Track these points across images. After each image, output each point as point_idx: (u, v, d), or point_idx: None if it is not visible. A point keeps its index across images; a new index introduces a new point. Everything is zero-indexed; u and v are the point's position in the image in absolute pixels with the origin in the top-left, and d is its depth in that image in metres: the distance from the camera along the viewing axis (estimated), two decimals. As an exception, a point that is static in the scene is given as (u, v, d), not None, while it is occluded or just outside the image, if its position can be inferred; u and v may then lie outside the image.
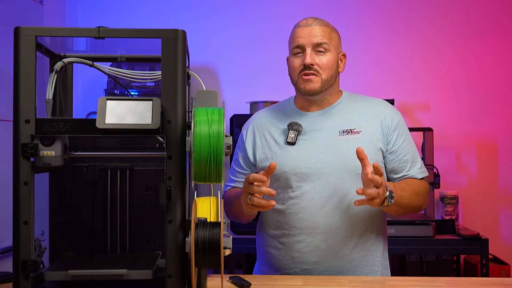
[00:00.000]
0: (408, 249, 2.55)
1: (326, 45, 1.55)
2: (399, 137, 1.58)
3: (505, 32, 3.04)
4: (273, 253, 1.62)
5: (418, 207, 1.57)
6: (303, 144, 1.58)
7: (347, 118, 1.60)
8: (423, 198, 1.58)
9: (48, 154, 1.19)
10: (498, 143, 3.03)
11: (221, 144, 1.08)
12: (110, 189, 1.45)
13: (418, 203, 1.56)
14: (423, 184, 1.59)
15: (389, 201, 1.42)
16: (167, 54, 1.14)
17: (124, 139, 1.47)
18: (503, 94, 3.03)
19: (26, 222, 1.12)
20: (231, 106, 3.00)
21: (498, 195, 3.02)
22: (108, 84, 2.77)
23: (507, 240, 3.01)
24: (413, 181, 1.57)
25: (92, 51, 1.47)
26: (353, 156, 1.53)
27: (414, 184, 1.56)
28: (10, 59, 1.14)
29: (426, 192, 1.60)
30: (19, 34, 1.12)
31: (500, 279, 1.58)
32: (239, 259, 2.86)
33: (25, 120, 1.12)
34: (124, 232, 1.45)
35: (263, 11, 3.12)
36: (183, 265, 1.13)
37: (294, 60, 1.58)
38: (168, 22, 3.09)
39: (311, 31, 1.55)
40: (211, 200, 1.27)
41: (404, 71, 3.07)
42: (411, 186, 1.54)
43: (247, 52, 3.11)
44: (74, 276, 1.25)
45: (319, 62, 1.55)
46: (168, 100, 1.13)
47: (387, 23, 3.08)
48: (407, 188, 1.52)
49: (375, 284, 1.44)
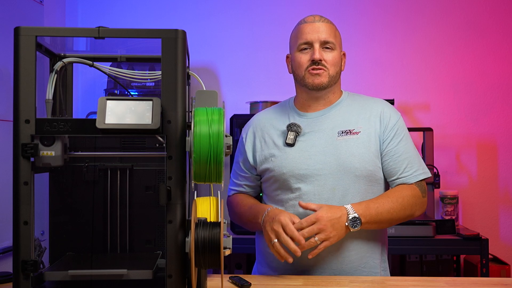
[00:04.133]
0: (408, 249, 2.55)
1: (333, 43, 1.56)
2: (395, 138, 1.57)
3: (505, 32, 3.04)
4: (272, 254, 1.61)
5: (406, 217, 1.54)
6: (302, 145, 1.58)
7: (346, 118, 1.60)
8: (411, 208, 1.53)
9: (48, 154, 1.19)
10: (498, 143, 3.03)
11: (221, 144, 1.08)
12: (110, 189, 1.45)
13: (405, 214, 1.52)
14: (411, 194, 1.53)
15: (352, 227, 1.44)
16: (167, 54, 1.14)
17: (124, 139, 1.47)
18: (503, 94, 3.03)
19: (26, 222, 1.11)
20: (231, 106, 3.01)
21: (498, 195, 3.02)
22: (108, 84, 2.77)
23: (507, 240, 3.01)
24: (399, 192, 1.53)
25: (92, 51, 1.47)
26: (351, 158, 1.53)
27: (397, 196, 1.52)
28: (10, 59, 1.14)
29: (414, 200, 1.54)
30: (19, 34, 1.12)
31: (500, 279, 1.58)
32: (239, 259, 2.86)
33: (25, 120, 1.12)
34: (124, 232, 1.45)
35: (263, 11, 3.12)
36: (183, 265, 1.13)
37: (301, 56, 1.58)
38: (168, 22, 3.10)
39: (318, 27, 1.56)
40: (211, 200, 1.27)
41: (404, 71, 3.07)
42: (392, 200, 1.50)
43: (247, 52, 3.11)
44: (74, 276, 1.25)
45: (327, 58, 1.56)
46: (168, 100, 1.13)
47: (387, 23, 3.08)
48: (386, 203, 1.49)
49: (375, 284, 1.44)
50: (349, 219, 1.44)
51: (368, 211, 1.46)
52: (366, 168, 1.54)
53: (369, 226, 1.49)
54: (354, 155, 1.53)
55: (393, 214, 1.50)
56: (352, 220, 1.44)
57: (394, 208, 1.50)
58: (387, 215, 1.49)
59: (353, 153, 1.54)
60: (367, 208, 1.47)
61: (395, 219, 1.52)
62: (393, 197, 1.52)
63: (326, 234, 1.41)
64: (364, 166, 1.53)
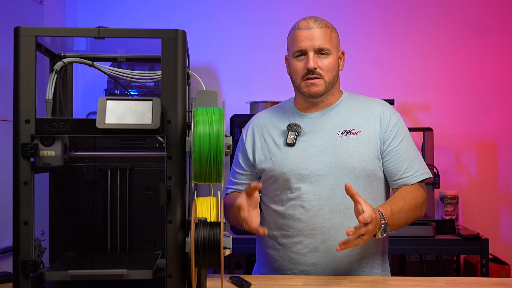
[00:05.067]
0: (408, 249, 2.55)
1: (327, 48, 1.55)
2: (396, 138, 1.57)
3: (505, 32, 3.04)
4: (272, 254, 1.62)
5: (416, 218, 1.54)
6: (302, 145, 1.58)
7: (346, 118, 1.60)
8: (420, 209, 1.54)
9: (48, 154, 1.19)
10: (498, 143, 3.03)
11: (221, 144, 1.08)
12: (110, 189, 1.45)
13: (416, 215, 1.53)
14: (419, 194, 1.54)
15: (381, 234, 1.37)
16: (167, 54, 1.14)
17: (124, 139, 1.47)
18: (503, 94, 3.03)
19: (26, 222, 1.12)
20: (231, 106, 3.01)
21: (498, 195, 3.02)
22: (108, 84, 2.77)
23: (507, 240, 3.01)
24: (411, 193, 1.52)
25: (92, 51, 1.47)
26: (351, 158, 1.53)
27: (410, 198, 1.50)
28: (10, 59, 1.14)
29: (423, 201, 1.55)
30: (19, 34, 1.12)
31: (500, 279, 1.58)
32: (239, 259, 2.86)
33: (25, 120, 1.12)
34: (124, 232, 1.45)
35: (263, 11, 3.12)
36: (183, 265, 1.13)
37: (296, 63, 1.57)
38: (168, 22, 3.10)
39: (312, 34, 1.54)
40: (211, 200, 1.27)
41: (404, 71, 3.07)
42: (407, 203, 1.49)
43: (247, 52, 3.11)
44: (74, 276, 1.25)
45: (322, 65, 1.54)
46: (168, 100, 1.13)
47: (387, 23, 3.08)
48: (405, 206, 1.47)
49: (375, 284, 1.44)
50: (382, 226, 1.37)
51: (392, 217, 1.41)
52: (365, 168, 1.54)
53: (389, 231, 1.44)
54: (353, 155, 1.53)
55: (409, 217, 1.49)
56: (383, 228, 1.37)
57: (410, 211, 1.49)
58: (404, 219, 1.48)
59: (352, 153, 1.53)
60: (392, 213, 1.42)
61: (409, 222, 1.51)
62: (408, 199, 1.50)
63: (369, 237, 1.33)
64: (363, 166, 1.53)
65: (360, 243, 1.31)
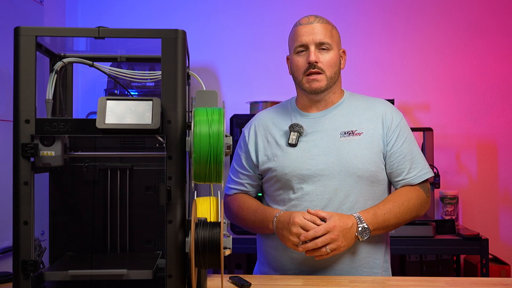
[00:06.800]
0: (408, 249, 2.55)
1: (328, 43, 1.55)
2: (398, 139, 1.57)
3: (505, 32, 3.04)
4: (273, 254, 1.61)
5: (412, 218, 1.56)
6: (305, 145, 1.58)
7: (348, 119, 1.60)
8: (416, 209, 1.55)
9: (48, 154, 1.18)
10: (498, 143, 3.03)
11: (221, 144, 1.08)
12: (110, 189, 1.45)
13: (410, 216, 1.55)
14: (415, 196, 1.55)
15: (362, 237, 1.46)
16: (167, 54, 1.14)
17: (124, 139, 1.47)
18: (502, 94, 3.03)
19: (26, 222, 1.11)
20: (231, 106, 3.01)
21: (498, 195, 3.02)
22: (108, 84, 2.77)
23: (507, 240, 3.01)
24: (404, 195, 1.54)
25: (92, 51, 1.47)
26: (354, 158, 1.53)
27: (403, 199, 1.53)
28: (10, 59, 1.14)
29: (419, 202, 1.56)
30: (19, 34, 1.12)
31: (500, 279, 1.58)
32: (239, 259, 2.86)
33: (25, 120, 1.12)
34: (124, 232, 1.45)
35: (263, 11, 3.12)
36: (183, 265, 1.13)
37: (298, 59, 1.58)
38: (168, 22, 3.10)
39: (313, 29, 1.55)
40: (211, 200, 1.27)
41: (404, 71, 3.07)
42: (398, 204, 1.51)
43: (247, 52, 3.11)
44: (74, 276, 1.25)
45: (323, 60, 1.55)
46: (168, 100, 1.13)
47: (387, 23, 3.08)
48: (393, 209, 1.50)
49: (375, 284, 1.44)
50: (359, 230, 1.45)
51: (376, 219, 1.47)
52: (368, 169, 1.53)
53: (376, 233, 1.50)
54: (357, 156, 1.53)
55: (400, 218, 1.52)
56: (361, 231, 1.45)
57: (401, 213, 1.51)
58: (394, 220, 1.50)
59: (356, 154, 1.53)
60: (374, 216, 1.47)
61: (401, 223, 1.54)
62: (399, 201, 1.53)
63: (337, 244, 1.41)
64: (366, 167, 1.53)
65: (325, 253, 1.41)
